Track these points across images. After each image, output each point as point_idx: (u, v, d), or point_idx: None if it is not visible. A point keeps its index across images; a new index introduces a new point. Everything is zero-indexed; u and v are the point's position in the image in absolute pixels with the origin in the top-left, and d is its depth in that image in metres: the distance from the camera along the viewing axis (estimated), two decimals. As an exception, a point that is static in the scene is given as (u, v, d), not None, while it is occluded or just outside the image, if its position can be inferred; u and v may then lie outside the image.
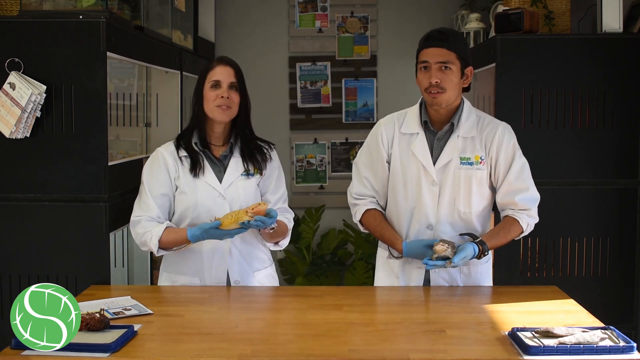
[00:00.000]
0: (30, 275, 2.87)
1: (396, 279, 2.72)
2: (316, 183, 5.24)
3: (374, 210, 2.71)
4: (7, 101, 2.76)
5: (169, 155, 2.65)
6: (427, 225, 2.63)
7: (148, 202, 2.61)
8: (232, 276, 2.66)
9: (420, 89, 2.61)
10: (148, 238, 2.57)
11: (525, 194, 2.63)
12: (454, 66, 2.54)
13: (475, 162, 2.61)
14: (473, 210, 2.63)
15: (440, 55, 2.53)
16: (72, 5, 3.09)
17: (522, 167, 2.65)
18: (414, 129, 2.66)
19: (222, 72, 2.61)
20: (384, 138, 2.68)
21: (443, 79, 2.53)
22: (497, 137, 2.63)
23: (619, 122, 3.49)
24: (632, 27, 3.70)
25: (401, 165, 2.65)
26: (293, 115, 5.24)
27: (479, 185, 2.62)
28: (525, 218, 2.62)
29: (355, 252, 5.09)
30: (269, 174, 2.71)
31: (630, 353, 1.94)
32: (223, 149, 2.67)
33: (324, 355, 1.94)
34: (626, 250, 3.54)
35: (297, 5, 5.20)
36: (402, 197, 2.66)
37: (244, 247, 2.67)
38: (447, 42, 2.54)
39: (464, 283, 2.69)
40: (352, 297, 2.54)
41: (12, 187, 2.85)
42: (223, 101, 2.58)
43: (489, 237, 2.58)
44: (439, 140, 2.64)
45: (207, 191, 2.61)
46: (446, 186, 2.61)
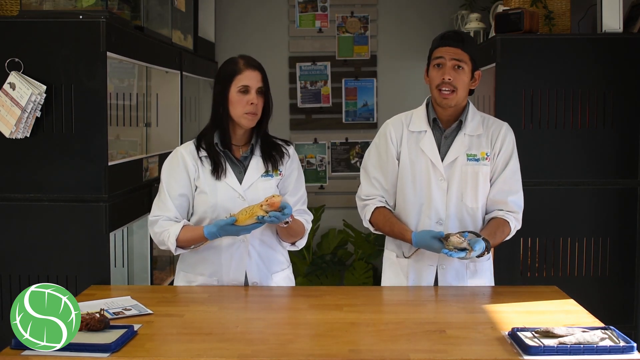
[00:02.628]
0: (30, 275, 2.87)
1: (405, 278, 2.73)
2: (316, 183, 5.24)
3: (382, 208, 2.73)
4: (7, 101, 2.76)
5: (189, 155, 2.63)
6: (437, 220, 2.67)
7: (166, 203, 2.59)
8: (251, 278, 2.64)
9: (431, 86, 2.65)
10: (165, 237, 2.55)
11: (517, 196, 2.69)
12: (466, 67, 2.60)
13: (481, 158, 2.67)
14: (479, 205, 2.67)
15: (455, 53, 2.58)
16: (72, 5, 3.09)
17: (517, 169, 2.72)
18: (422, 126, 2.70)
19: (251, 77, 2.55)
20: (393, 136, 2.72)
21: (456, 77, 2.58)
22: (502, 134, 2.70)
23: (619, 122, 3.50)
24: (632, 27, 3.70)
25: (410, 163, 2.69)
26: (293, 115, 5.24)
27: (484, 181, 2.67)
28: (513, 221, 2.67)
29: (355, 252, 5.09)
30: (288, 175, 2.68)
31: (630, 353, 1.94)
32: (244, 150, 2.65)
33: (324, 355, 1.94)
34: (626, 250, 3.55)
35: (297, 5, 5.20)
36: (411, 194, 2.69)
37: (263, 249, 2.65)
38: (463, 42, 2.60)
39: (471, 280, 2.70)
40: (352, 297, 2.54)
41: (12, 187, 2.85)
42: (252, 108, 2.55)
43: (489, 236, 2.59)
44: (446, 138, 2.69)
45: (227, 192, 2.59)
46: (454, 182, 2.66)
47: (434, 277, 2.70)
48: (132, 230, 3.59)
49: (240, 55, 2.62)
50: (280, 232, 2.64)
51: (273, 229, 2.64)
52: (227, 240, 2.58)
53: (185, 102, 4.08)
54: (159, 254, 3.93)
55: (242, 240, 2.59)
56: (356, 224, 4.94)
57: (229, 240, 2.59)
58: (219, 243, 2.59)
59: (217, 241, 2.58)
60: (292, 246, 2.71)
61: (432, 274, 2.70)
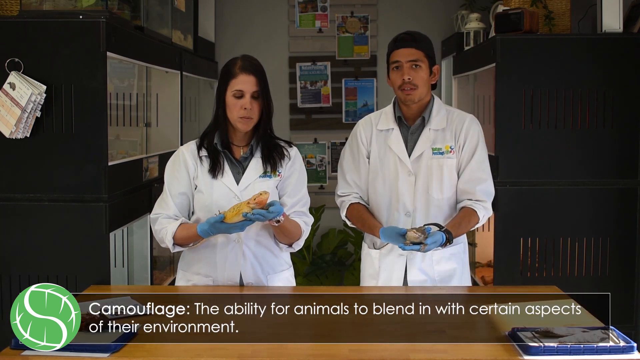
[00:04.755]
0: (30, 275, 2.87)
1: (378, 268, 2.84)
2: (316, 183, 5.24)
3: (357, 204, 2.87)
4: (7, 101, 2.76)
5: (189, 155, 2.65)
6: (405, 212, 2.79)
7: (167, 201, 2.62)
8: (245, 278, 2.64)
9: (394, 87, 2.80)
10: (164, 234, 2.58)
11: (484, 184, 2.78)
12: (423, 64, 2.74)
13: (445, 151, 2.79)
14: (445, 197, 2.78)
15: (410, 54, 2.74)
16: (72, 5, 3.09)
17: (485, 158, 2.81)
18: (389, 125, 2.84)
19: (245, 82, 2.56)
20: (363, 136, 2.87)
21: (414, 76, 2.72)
22: (465, 126, 2.80)
23: (618, 122, 3.49)
24: (632, 27, 3.70)
25: (379, 159, 2.83)
26: (293, 115, 5.24)
27: (449, 173, 2.78)
28: (481, 209, 2.75)
29: (355, 252, 5.09)
30: (287, 176, 2.68)
31: (630, 353, 1.94)
32: (244, 150, 2.66)
33: (324, 355, 1.94)
34: (626, 250, 3.54)
35: (297, 5, 5.20)
36: (381, 189, 2.82)
37: (259, 250, 2.65)
38: (415, 42, 2.75)
39: (440, 275, 2.79)
40: (352, 297, 2.54)
41: (12, 187, 2.85)
42: (245, 112, 2.56)
43: (452, 226, 2.69)
44: (412, 134, 2.81)
45: (223, 192, 2.60)
46: (420, 175, 2.78)
47: (404, 265, 2.80)
48: (132, 230, 3.59)
49: (242, 56, 2.62)
50: (275, 232, 2.64)
51: (270, 230, 2.64)
52: (221, 239, 2.59)
53: (185, 102, 4.08)
54: (159, 254, 3.93)
55: (236, 241, 2.60)
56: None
57: (223, 239, 2.59)
58: (214, 242, 2.60)
59: (213, 240, 2.59)
60: (289, 248, 2.71)
61: (403, 263, 2.81)
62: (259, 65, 2.62)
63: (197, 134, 2.71)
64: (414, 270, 2.79)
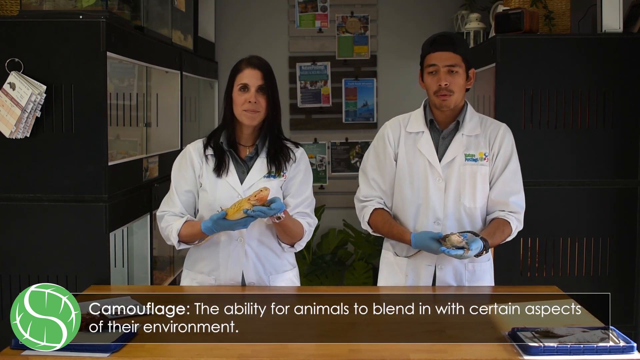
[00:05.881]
0: (30, 275, 2.87)
1: (405, 277, 2.73)
2: (316, 183, 5.24)
3: (381, 209, 2.74)
4: (7, 101, 2.76)
5: (196, 153, 2.66)
6: (435, 220, 2.67)
7: (173, 198, 2.64)
8: (248, 278, 2.64)
9: (428, 92, 2.66)
10: (169, 232, 2.60)
11: (518, 196, 2.69)
12: (460, 69, 2.61)
13: (479, 158, 2.68)
14: (477, 206, 2.68)
15: (447, 59, 2.59)
16: (72, 5, 3.09)
17: (518, 169, 2.72)
18: (419, 127, 2.72)
19: (250, 75, 2.58)
20: (391, 137, 2.74)
21: (451, 81, 2.59)
22: (500, 135, 2.70)
23: (618, 122, 3.49)
24: (632, 27, 3.70)
25: (407, 163, 2.71)
26: (293, 115, 5.24)
27: (482, 181, 2.67)
28: (514, 221, 2.67)
29: (355, 252, 5.09)
30: (292, 177, 2.68)
31: (630, 353, 1.94)
32: (250, 150, 2.67)
33: (324, 355, 1.94)
34: (626, 250, 3.54)
35: (297, 5, 5.20)
36: (409, 194, 2.70)
37: (261, 250, 2.65)
38: (454, 45, 2.61)
39: (469, 281, 2.70)
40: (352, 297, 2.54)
41: (12, 187, 2.85)
42: (250, 106, 2.57)
43: (487, 235, 2.60)
44: (444, 139, 2.70)
45: (227, 191, 2.60)
46: (452, 182, 2.66)
47: (432, 277, 2.70)
48: (132, 230, 3.59)
49: (249, 56, 2.65)
50: (277, 231, 2.64)
51: (273, 231, 2.64)
52: (224, 238, 2.60)
53: (185, 102, 4.08)
54: (159, 254, 3.93)
55: (239, 240, 2.60)
56: (356, 224, 4.93)
57: (225, 238, 2.60)
58: (217, 241, 2.60)
59: (216, 238, 2.60)
60: (291, 248, 2.71)
61: (431, 274, 2.70)
62: (266, 63, 2.65)
63: (197, 134, 2.72)
64: (443, 283, 2.68)
